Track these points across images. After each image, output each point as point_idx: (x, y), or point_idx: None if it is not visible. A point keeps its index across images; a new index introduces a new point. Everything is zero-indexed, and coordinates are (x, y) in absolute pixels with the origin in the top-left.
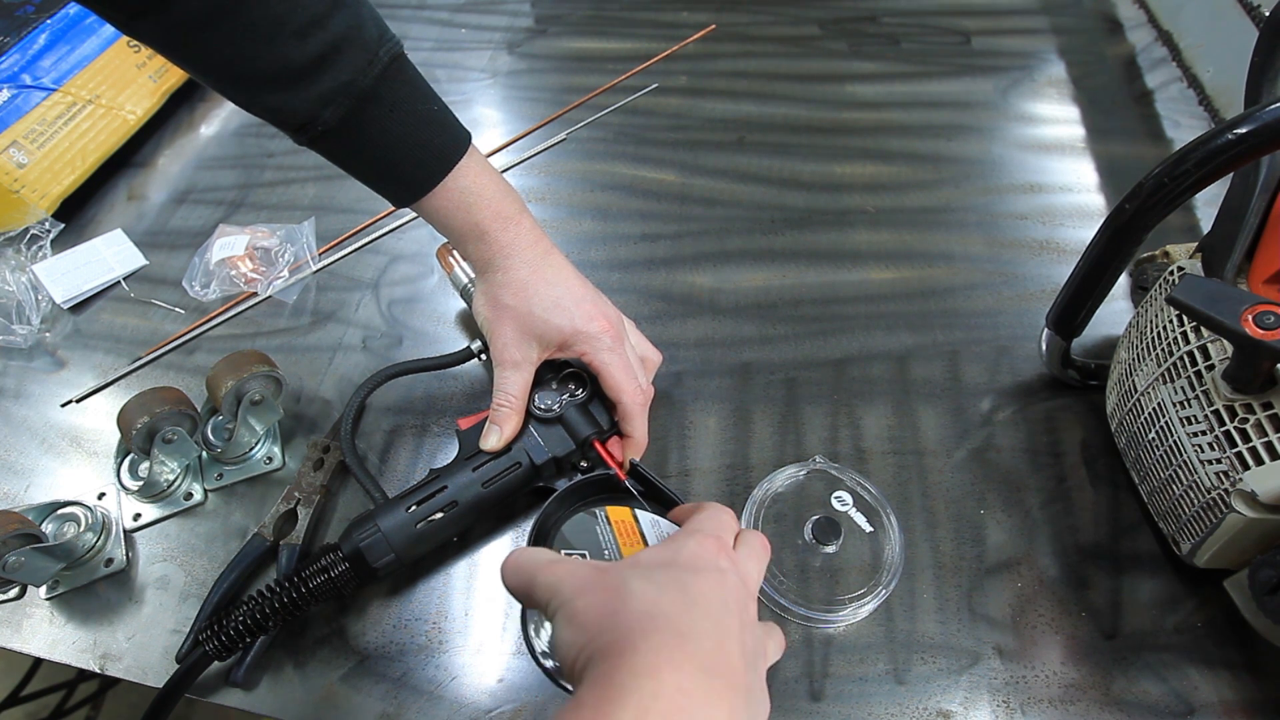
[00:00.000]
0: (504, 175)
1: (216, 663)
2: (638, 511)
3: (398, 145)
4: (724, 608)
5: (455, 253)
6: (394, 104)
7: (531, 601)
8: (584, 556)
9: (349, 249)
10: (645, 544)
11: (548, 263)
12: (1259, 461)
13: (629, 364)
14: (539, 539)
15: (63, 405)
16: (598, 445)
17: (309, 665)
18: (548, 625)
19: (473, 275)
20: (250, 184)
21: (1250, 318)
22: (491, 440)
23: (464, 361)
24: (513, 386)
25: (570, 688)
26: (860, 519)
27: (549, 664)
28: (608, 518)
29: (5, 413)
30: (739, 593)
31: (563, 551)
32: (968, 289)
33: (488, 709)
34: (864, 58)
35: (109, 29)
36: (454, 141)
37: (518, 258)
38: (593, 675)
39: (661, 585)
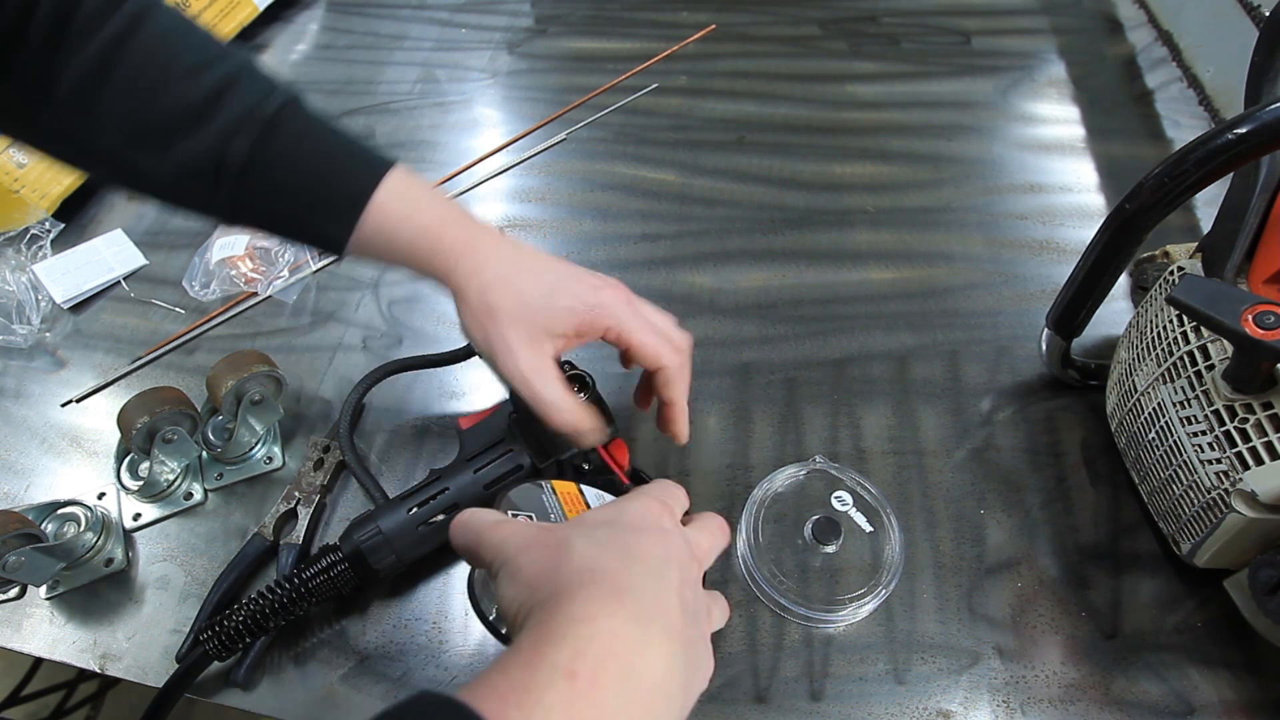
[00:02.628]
0: (506, 172)
1: (216, 663)
2: (584, 487)
3: (316, 169)
4: (664, 563)
5: None
6: (304, 131)
7: (478, 560)
8: (530, 518)
9: None
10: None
11: (522, 252)
12: (1259, 461)
13: (652, 323)
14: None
15: (63, 405)
16: (600, 448)
17: (309, 665)
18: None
19: None
20: None
21: (1250, 318)
22: (594, 439)
23: (463, 359)
24: (553, 393)
25: None
26: (860, 519)
27: (503, 630)
28: (554, 489)
29: (5, 413)
30: (681, 552)
31: (509, 513)
32: (968, 289)
33: None
34: (864, 58)
35: None
36: (377, 159)
37: (487, 253)
38: (530, 624)
39: (602, 542)
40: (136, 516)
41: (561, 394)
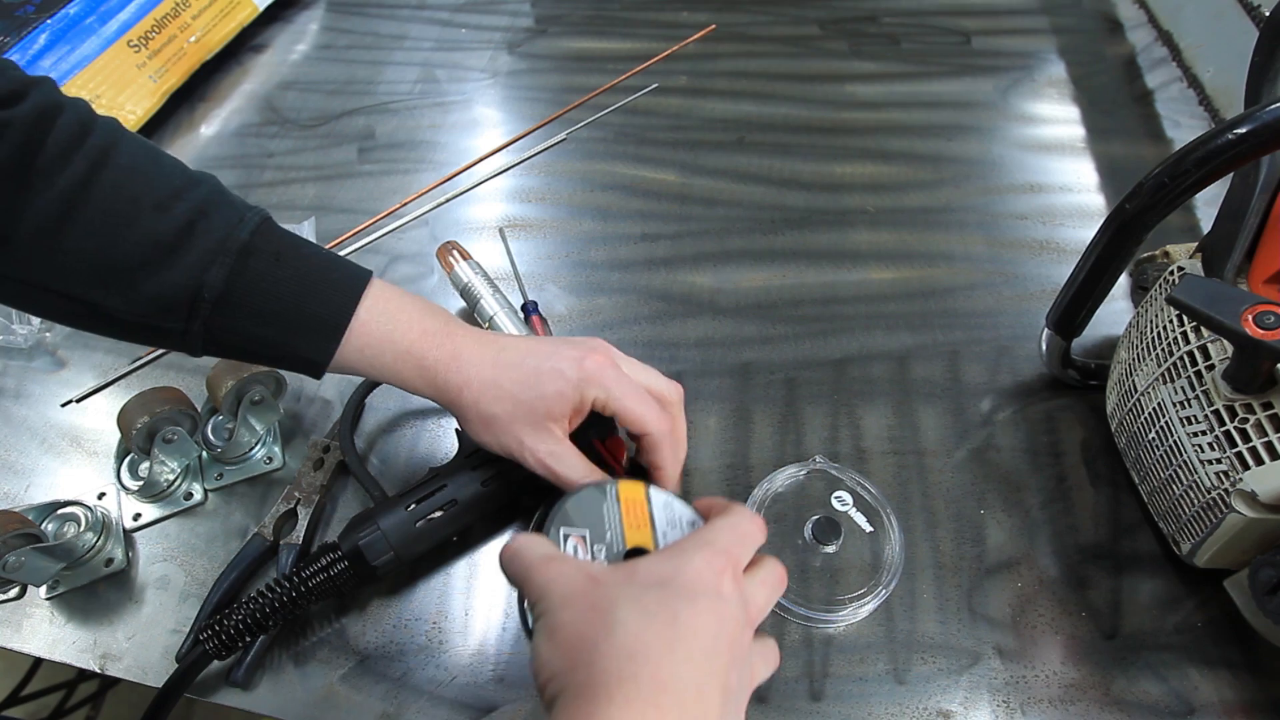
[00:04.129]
0: (506, 172)
1: (216, 662)
2: (651, 490)
3: (294, 293)
4: (714, 644)
5: (455, 251)
6: (278, 254)
7: (524, 595)
8: (583, 538)
9: (349, 249)
10: (652, 526)
11: (500, 347)
12: (1259, 461)
13: (639, 384)
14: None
15: (63, 405)
16: (598, 444)
17: (309, 665)
18: None
19: (471, 276)
20: (250, 184)
21: (1250, 318)
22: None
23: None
24: (573, 473)
25: None
26: (860, 519)
27: None
28: (618, 495)
29: (5, 413)
30: (735, 625)
31: (562, 529)
32: (968, 289)
33: (488, 708)
34: (864, 58)
35: (109, 28)
36: (354, 277)
37: (469, 365)
38: (560, 716)
39: (651, 614)
40: (136, 516)
41: (581, 472)
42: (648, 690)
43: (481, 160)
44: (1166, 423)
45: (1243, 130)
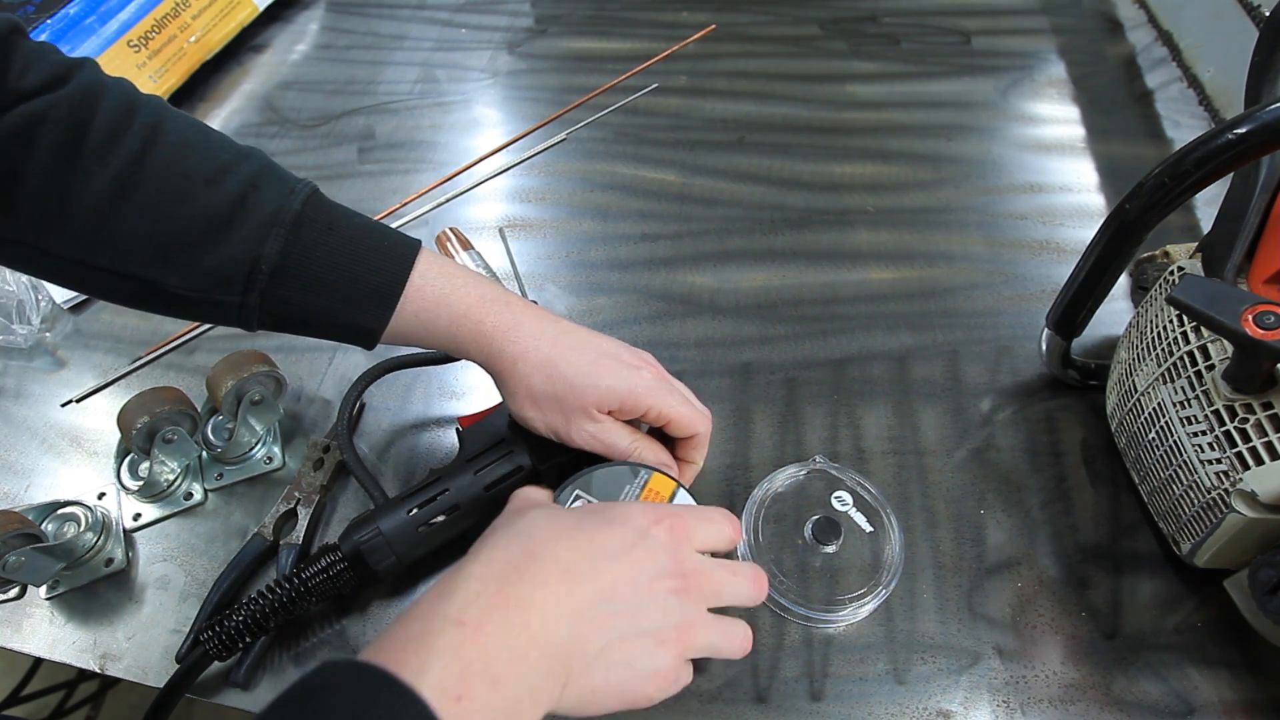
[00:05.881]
0: (506, 172)
1: (216, 663)
2: (680, 491)
3: (349, 261)
4: (609, 555)
5: (452, 240)
6: (330, 224)
7: None
8: (589, 503)
9: None
10: None
11: (561, 328)
12: (1259, 461)
13: (685, 396)
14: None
15: (63, 405)
16: None
17: (309, 665)
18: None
19: (471, 267)
20: None
21: (1250, 318)
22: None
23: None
24: (624, 444)
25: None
26: (860, 519)
27: None
28: (646, 483)
29: (5, 413)
30: (648, 557)
31: (577, 489)
32: (968, 289)
33: None
34: (864, 58)
35: (109, 28)
36: (405, 243)
37: (528, 338)
38: (442, 578)
39: (557, 519)
40: (136, 516)
41: (628, 441)
42: (518, 555)
43: (481, 160)
44: (1166, 423)
45: (1243, 130)
